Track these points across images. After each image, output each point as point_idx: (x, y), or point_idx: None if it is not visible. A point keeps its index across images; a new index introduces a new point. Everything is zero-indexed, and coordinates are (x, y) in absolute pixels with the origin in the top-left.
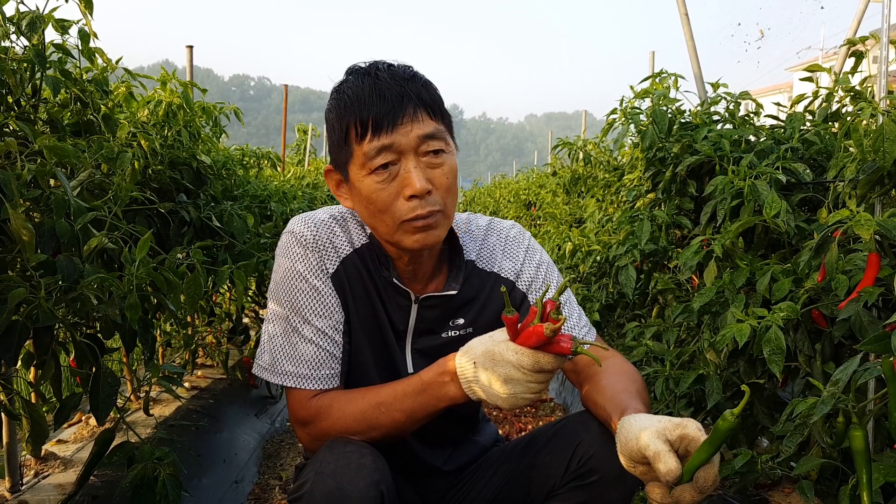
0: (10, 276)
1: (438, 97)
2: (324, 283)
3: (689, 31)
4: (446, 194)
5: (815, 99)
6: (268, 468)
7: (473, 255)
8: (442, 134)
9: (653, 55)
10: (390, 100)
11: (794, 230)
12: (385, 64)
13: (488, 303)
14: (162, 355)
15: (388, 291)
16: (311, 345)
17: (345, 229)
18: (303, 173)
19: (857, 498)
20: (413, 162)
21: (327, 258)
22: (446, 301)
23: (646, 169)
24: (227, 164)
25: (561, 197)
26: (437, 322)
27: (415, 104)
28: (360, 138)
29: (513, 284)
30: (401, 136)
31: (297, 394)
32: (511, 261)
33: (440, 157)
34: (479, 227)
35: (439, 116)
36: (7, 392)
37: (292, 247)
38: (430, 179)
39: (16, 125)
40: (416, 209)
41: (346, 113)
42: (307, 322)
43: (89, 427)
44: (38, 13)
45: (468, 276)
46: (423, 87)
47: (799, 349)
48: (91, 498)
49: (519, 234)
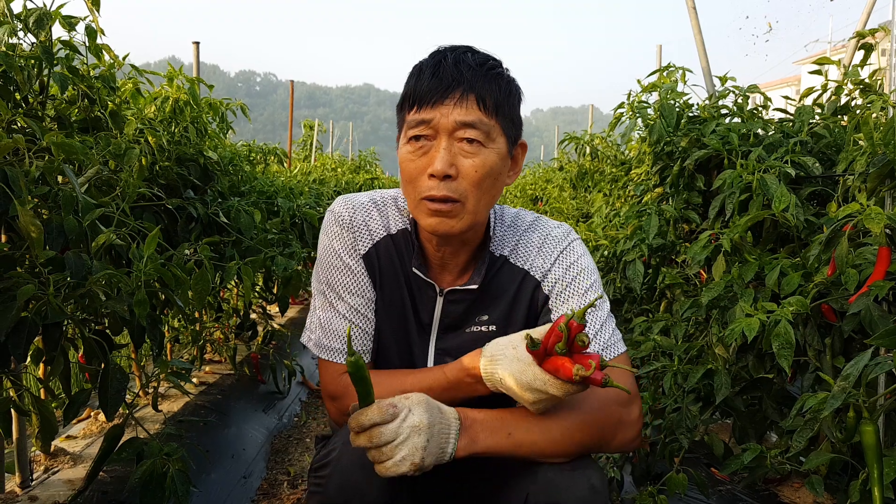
0: (19, 273)
1: (503, 94)
2: (356, 262)
3: (696, 24)
4: (472, 187)
5: (824, 92)
6: (276, 463)
7: (508, 250)
8: (485, 127)
9: (660, 49)
10: (443, 79)
11: (804, 224)
12: (465, 49)
13: (516, 300)
14: (170, 351)
15: (417, 282)
16: (344, 321)
17: (382, 214)
18: (309, 169)
19: (867, 493)
20: (445, 143)
21: (360, 239)
22: (470, 295)
23: (653, 163)
24: (233, 160)
25: (568, 191)
26: (462, 317)
27: (465, 89)
28: (409, 108)
29: (538, 284)
30: (440, 115)
31: (329, 367)
32: (543, 259)
33: (475, 147)
34: (524, 222)
35: (492, 111)
36: (17, 388)
37: (331, 225)
38: (457, 166)
39: (24, 122)
40: (431, 189)
41: (408, 83)
42: (341, 298)
43: (98, 423)
44: (46, 10)
45: (497, 272)
46: (486, 78)
47: (808, 344)
48: (100, 493)
49: (563, 235)
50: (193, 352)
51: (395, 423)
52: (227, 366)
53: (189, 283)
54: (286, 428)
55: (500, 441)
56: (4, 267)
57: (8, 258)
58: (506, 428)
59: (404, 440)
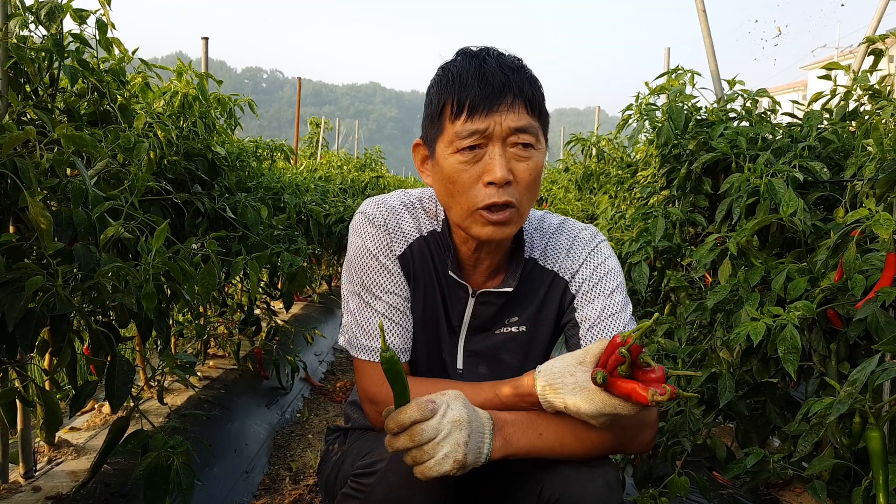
0: (28, 264)
1: (540, 94)
2: (392, 262)
3: (706, 27)
4: (526, 191)
5: (832, 97)
6: (278, 459)
7: (538, 252)
8: (535, 130)
9: (668, 51)
10: (492, 85)
11: (811, 229)
12: (495, 51)
13: (546, 303)
14: (174, 345)
15: (450, 283)
16: (383, 318)
17: (414, 216)
18: (315, 166)
19: (870, 499)
20: (499, 150)
21: (395, 240)
22: (502, 298)
23: (660, 165)
24: (241, 155)
25: (573, 193)
26: (492, 319)
27: (514, 94)
28: (454, 117)
29: (566, 284)
30: (494, 123)
31: (370, 369)
32: (572, 260)
33: (528, 151)
34: (550, 224)
35: (536, 113)
36: (22, 379)
37: (364, 226)
38: (512, 171)
39: (34, 114)
40: (492, 196)
41: (447, 90)
42: (378, 298)
43: (102, 415)
44: (57, 3)
45: (528, 274)
46: (527, 80)
47: (813, 349)
48: (103, 485)
49: (590, 237)
50: (197, 346)
51: (435, 419)
52: (231, 361)
53: (196, 277)
54: (288, 424)
55: (532, 441)
56: (13, 258)
57: (17, 249)
58: (536, 428)
59: (446, 436)
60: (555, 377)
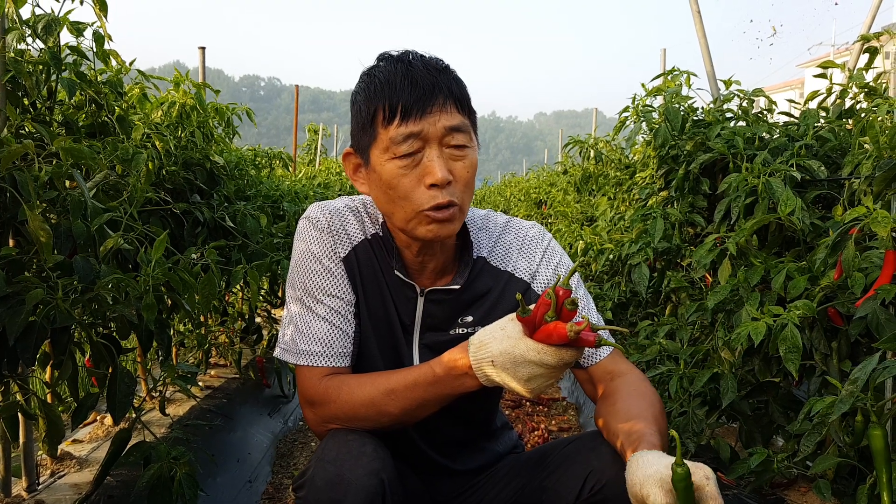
0: (28, 277)
1: (467, 93)
2: (336, 265)
3: (701, 28)
4: (465, 188)
5: (828, 95)
6: (281, 467)
7: (486, 251)
8: (467, 128)
9: (664, 52)
10: (422, 87)
11: (809, 228)
12: (418, 54)
13: (500, 302)
14: (175, 355)
15: (396, 284)
16: (324, 322)
17: (359, 219)
18: (314, 173)
19: (875, 497)
20: (437, 151)
21: (339, 243)
22: (453, 296)
23: (658, 167)
24: (239, 164)
25: (572, 195)
26: (445, 318)
27: (445, 95)
28: (387, 122)
29: (527, 285)
30: (428, 125)
31: (307, 372)
32: (527, 261)
33: (463, 150)
34: (496, 224)
35: (466, 111)
36: (24, 392)
37: (308, 230)
38: (451, 171)
39: (32, 127)
40: (436, 198)
41: (376, 96)
42: (320, 301)
43: (104, 427)
44: (54, 16)
45: (478, 273)
46: (454, 80)
47: (815, 347)
48: (107, 498)
49: (539, 235)
50: (199, 356)
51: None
52: (232, 370)
53: (196, 286)
54: (291, 432)
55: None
56: (13, 271)
57: (17, 262)
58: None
59: None
60: (485, 333)
